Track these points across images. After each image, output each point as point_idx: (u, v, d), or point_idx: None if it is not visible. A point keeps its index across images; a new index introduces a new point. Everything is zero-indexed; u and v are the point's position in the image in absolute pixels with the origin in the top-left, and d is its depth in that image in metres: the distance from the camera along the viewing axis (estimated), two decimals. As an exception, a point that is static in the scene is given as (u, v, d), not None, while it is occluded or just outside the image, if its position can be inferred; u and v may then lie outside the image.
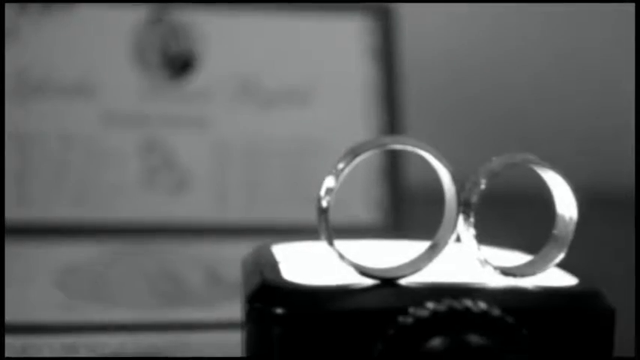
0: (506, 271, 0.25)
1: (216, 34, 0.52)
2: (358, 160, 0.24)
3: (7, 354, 0.33)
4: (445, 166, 0.25)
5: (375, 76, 0.53)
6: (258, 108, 0.52)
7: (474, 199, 0.25)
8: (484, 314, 0.24)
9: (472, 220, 0.25)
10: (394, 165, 0.52)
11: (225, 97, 0.51)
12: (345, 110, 0.52)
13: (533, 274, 0.26)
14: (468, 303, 0.24)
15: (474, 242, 0.25)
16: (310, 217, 0.26)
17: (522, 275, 0.26)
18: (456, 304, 0.24)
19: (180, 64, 0.51)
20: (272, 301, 0.24)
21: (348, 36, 0.53)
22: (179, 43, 0.51)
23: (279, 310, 0.24)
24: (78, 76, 0.50)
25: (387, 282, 0.25)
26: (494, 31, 0.81)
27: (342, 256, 0.25)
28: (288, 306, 0.24)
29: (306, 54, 0.53)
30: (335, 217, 0.24)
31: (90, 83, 0.50)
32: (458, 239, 0.25)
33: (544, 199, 0.26)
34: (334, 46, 0.53)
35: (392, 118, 0.53)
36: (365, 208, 0.51)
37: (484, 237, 0.25)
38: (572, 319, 0.25)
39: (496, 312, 0.24)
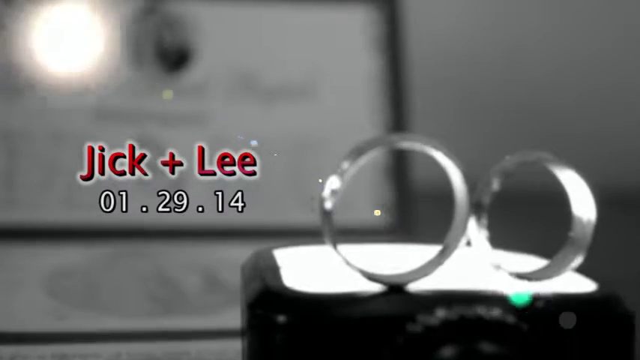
0: (521, 276, 0.25)
1: (214, 25, 0.51)
2: (364, 159, 0.24)
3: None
4: (455, 165, 0.24)
5: (380, 70, 0.52)
6: (258, 103, 0.51)
7: (487, 200, 0.24)
8: (498, 322, 0.23)
9: (484, 222, 0.24)
10: (401, 164, 0.51)
11: (222, 91, 0.51)
12: (350, 106, 0.52)
13: (549, 278, 0.25)
14: (481, 310, 0.23)
15: (486, 245, 0.25)
16: (313, 219, 0.25)
17: (538, 280, 0.25)
18: (468, 312, 0.23)
19: (175, 57, 0.51)
20: (274, 308, 0.24)
21: (351, 27, 0.52)
22: (174, 35, 0.51)
23: (281, 318, 0.23)
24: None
25: (395, 288, 0.24)
26: (506, 21, 0.81)
27: (347, 261, 0.24)
28: (291, 313, 0.23)
29: (308, 46, 0.52)
30: (339, 219, 0.24)
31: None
32: (469, 243, 0.25)
33: (561, 199, 0.26)
34: (337, 38, 0.53)
35: (399, 114, 0.52)
36: (371, 209, 0.50)
37: (497, 240, 0.25)
38: (591, 325, 0.24)
39: (510, 319, 0.23)
